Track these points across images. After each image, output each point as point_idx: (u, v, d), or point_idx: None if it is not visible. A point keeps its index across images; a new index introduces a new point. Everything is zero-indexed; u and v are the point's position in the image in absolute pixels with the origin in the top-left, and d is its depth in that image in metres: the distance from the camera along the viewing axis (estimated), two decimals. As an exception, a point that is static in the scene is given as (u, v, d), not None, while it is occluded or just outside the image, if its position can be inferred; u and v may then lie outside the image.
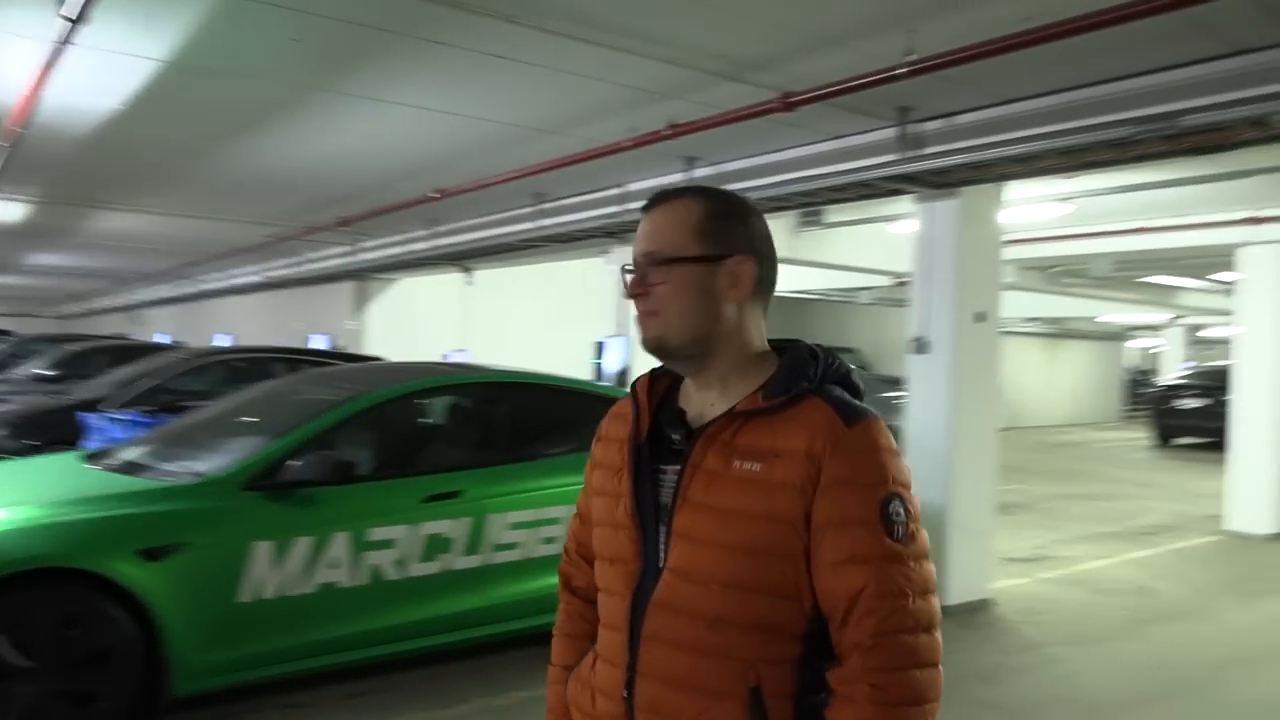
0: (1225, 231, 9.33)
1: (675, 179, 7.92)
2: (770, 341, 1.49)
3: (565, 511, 4.91)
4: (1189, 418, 18.25)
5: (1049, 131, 5.20)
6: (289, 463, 4.16)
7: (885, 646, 1.28)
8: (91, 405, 8.20)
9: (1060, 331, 24.07)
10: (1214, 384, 18.50)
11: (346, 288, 14.52)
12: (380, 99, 6.22)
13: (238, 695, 4.18)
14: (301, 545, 4.11)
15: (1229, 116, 4.39)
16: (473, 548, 4.61)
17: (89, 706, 3.60)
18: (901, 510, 1.32)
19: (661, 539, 1.40)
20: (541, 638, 4.94)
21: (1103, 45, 4.47)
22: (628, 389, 1.55)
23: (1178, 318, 21.98)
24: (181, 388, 9.07)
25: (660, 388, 1.53)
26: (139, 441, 5.15)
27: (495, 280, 13.18)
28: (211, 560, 3.92)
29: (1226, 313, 17.38)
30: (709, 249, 1.40)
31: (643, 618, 1.39)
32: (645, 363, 1.46)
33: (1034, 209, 8.43)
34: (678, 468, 1.40)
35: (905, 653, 1.28)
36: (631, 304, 1.46)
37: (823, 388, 1.39)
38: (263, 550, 4.01)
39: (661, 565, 1.39)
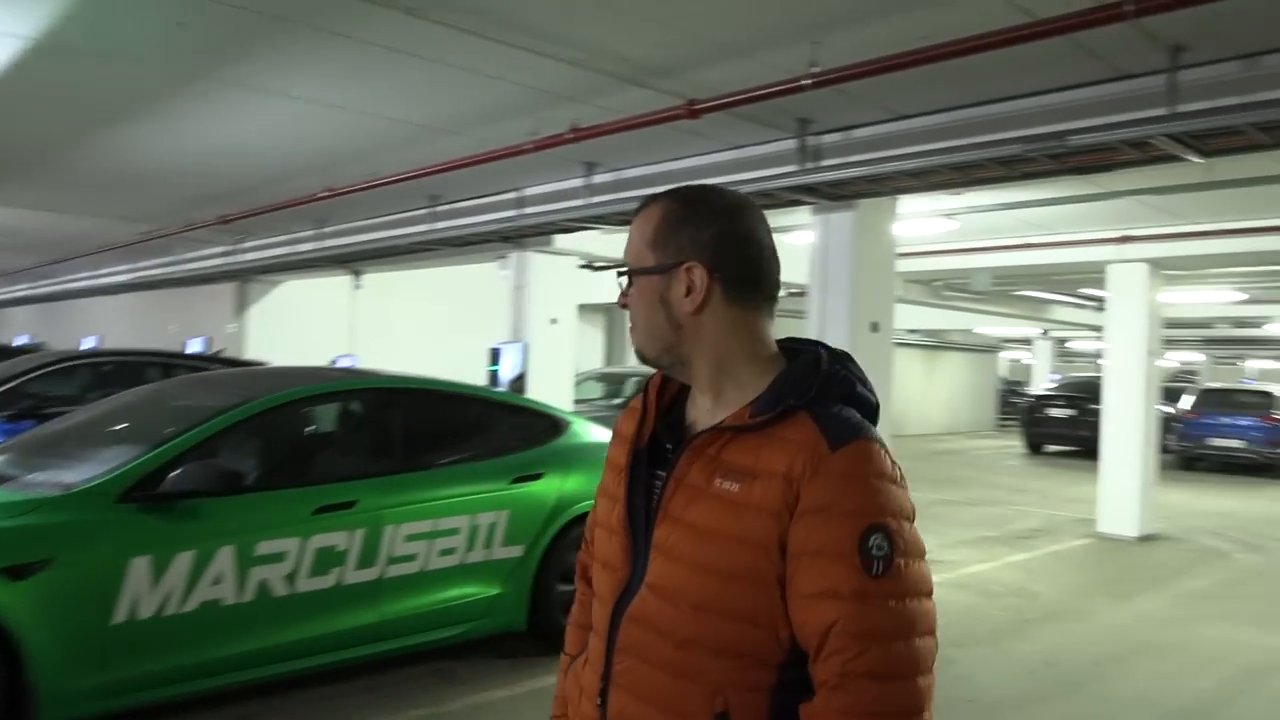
0: (1097, 249, 9.82)
1: (574, 184, 7.86)
2: (791, 343, 1.42)
3: (464, 522, 4.78)
4: (1058, 426, 19.20)
5: (943, 147, 5.34)
6: (170, 473, 3.90)
7: (850, 688, 1.20)
8: (-59, 411, 7.59)
9: (938, 343, 24.98)
10: (1080, 394, 19.57)
11: (226, 289, 13.91)
12: (271, 91, 5.95)
13: (109, 722, 3.90)
14: (182, 561, 3.86)
15: (1112, 138, 4.58)
16: (367, 560, 4.42)
17: (-61, 740, 3.29)
18: (885, 543, 1.21)
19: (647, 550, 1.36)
20: (443, 653, 4.80)
21: (995, 66, 4.62)
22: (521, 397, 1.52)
23: (1047, 331, 23.08)
24: (44, 392, 8.49)
25: (674, 387, 1.46)
26: (-2, 450, 4.77)
27: (385, 283, 12.85)
28: (82, 578, 3.64)
29: (1093, 327, 18.36)
30: (660, 259, 1.35)
31: (618, 629, 1.35)
32: (540, 369, 1.41)
33: (922, 224, 8.69)
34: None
35: (870, 698, 1.19)
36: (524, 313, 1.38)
37: (817, 403, 1.29)
38: (139, 567, 3.75)
39: (642, 578, 1.34)
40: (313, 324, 13.42)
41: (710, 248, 1.33)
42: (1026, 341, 26.77)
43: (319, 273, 12.34)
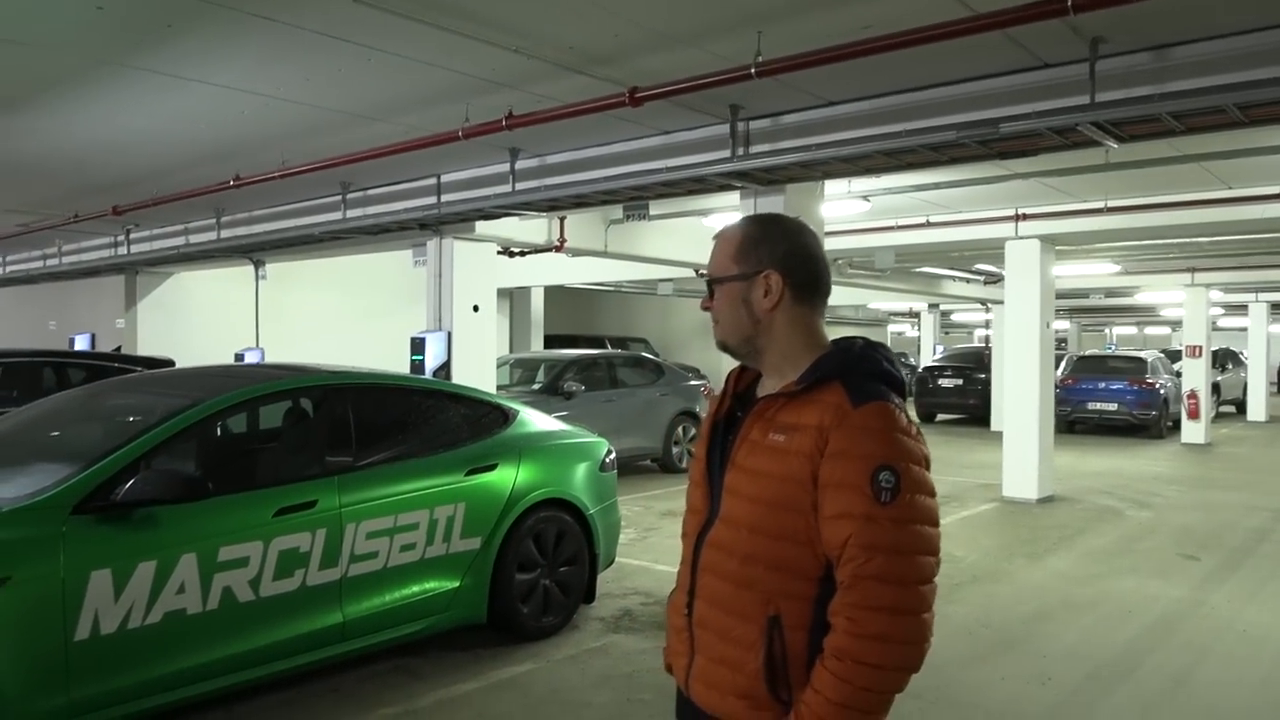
0: (995, 227, 10.28)
1: (496, 170, 7.79)
2: (838, 340, 1.79)
3: (423, 516, 4.73)
4: (948, 396, 20.04)
5: (877, 134, 5.51)
6: (124, 481, 3.74)
7: (859, 587, 1.55)
8: None
9: (832, 319, 25.67)
10: (968, 365, 20.49)
11: (112, 282, 13.23)
12: (182, 76, 5.68)
13: (68, 743, 3.72)
14: (144, 571, 3.71)
15: (1040, 125, 4.82)
16: (329, 560, 4.34)
17: (-99, 776, 3.10)
18: (893, 479, 1.56)
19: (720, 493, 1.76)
20: (402, 650, 4.75)
21: (930, 54, 4.77)
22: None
23: (935, 305, 24.00)
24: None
25: (749, 377, 1.88)
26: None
27: (290, 272, 12.44)
28: (41, 595, 3.46)
29: (980, 300, 19.20)
30: (743, 269, 1.75)
31: (700, 554, 1.77)
32: (464, 357, 1.55)
33: (838, 206, 8.93)
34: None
35: (876, 595, 1.54)
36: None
37: (848, 375, 1.67)
38: (100, 580, 3.59)
39: (716, 514, 1.75)
40: (213, 317, 12.91)
41: (783, 259, 1.74)
42: (914, 314, 27.77)
43: (218, 263, 11.86)
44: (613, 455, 5.95)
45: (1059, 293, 18.43)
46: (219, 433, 4.50)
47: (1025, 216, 10.08)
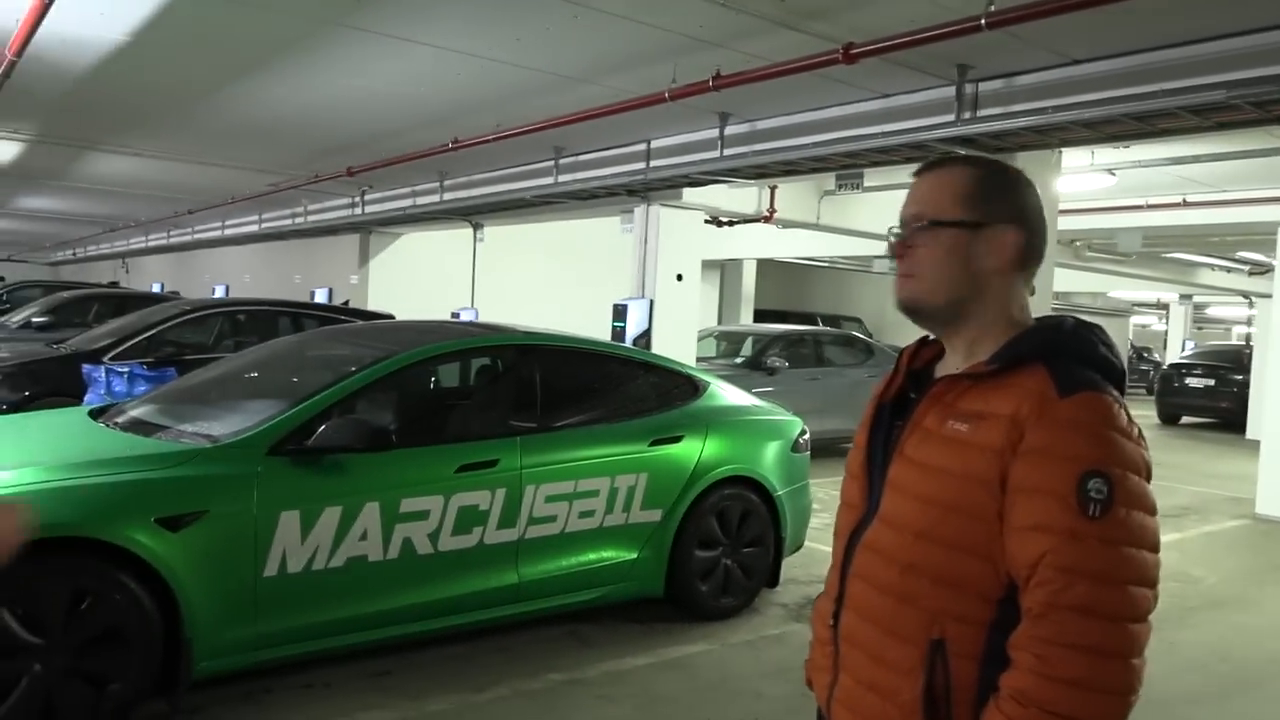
0: (1267, 209, 9.05)
1: (706, 136, 7.58)
2: (1044, 318, 1.48)
3: (603, 484, 4.64)
4: (1197, 397, 18.12)
5: (1125, 95, 4.88)
6: (318, 427, 3.85)
7: (1053, 620, 1.25)
8: (90, 356, 7.86)
9: (1068, 306, 23.85)
10: (1223, 364, 18.45)
11: (349, 241, 14.12)
12: (403, 38, 5.83)
13: (255, 674, 3.91)
14: (330, 516, 3.81)
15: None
16: (508, 520, 4.33)
17: (102, 688, 3.31)
18: (1105, 489, 1.26)
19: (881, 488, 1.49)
20: (576, 616, 4.70)
21: (1183, 4, 4.15)
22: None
23: (1188, 296, 21.77)
24: (182, 339, 8.74)
25: (928, 354, 1.57)
26: (147, 398, 4.83)
27: (507, 236, 12.82)
28: (235, 531, 3.62)
29: (1243, 293, 17.20)
30: (972, 215, 1.43)
31: (853, 557, 1.50)
32: (665, 326, 1.23)
33: (1076, 179, 8.12)
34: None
35: (1076, 632, 1.24)
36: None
37: (1054, 357, 1.37)
38: (289, 520, 3.72)
39: (875, 512, 1.48)
40: (434, 276, 13.53)
41: (1026, 216, 1.44)
42: (1161, 306, 25.34)
43: (441, 225, 12.39)
44: (806, 435, 5.65)
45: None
46: (411, 386, 4.58)
47: (1305, 197, 8.81)
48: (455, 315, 11.18)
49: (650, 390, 5.27)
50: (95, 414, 4.56)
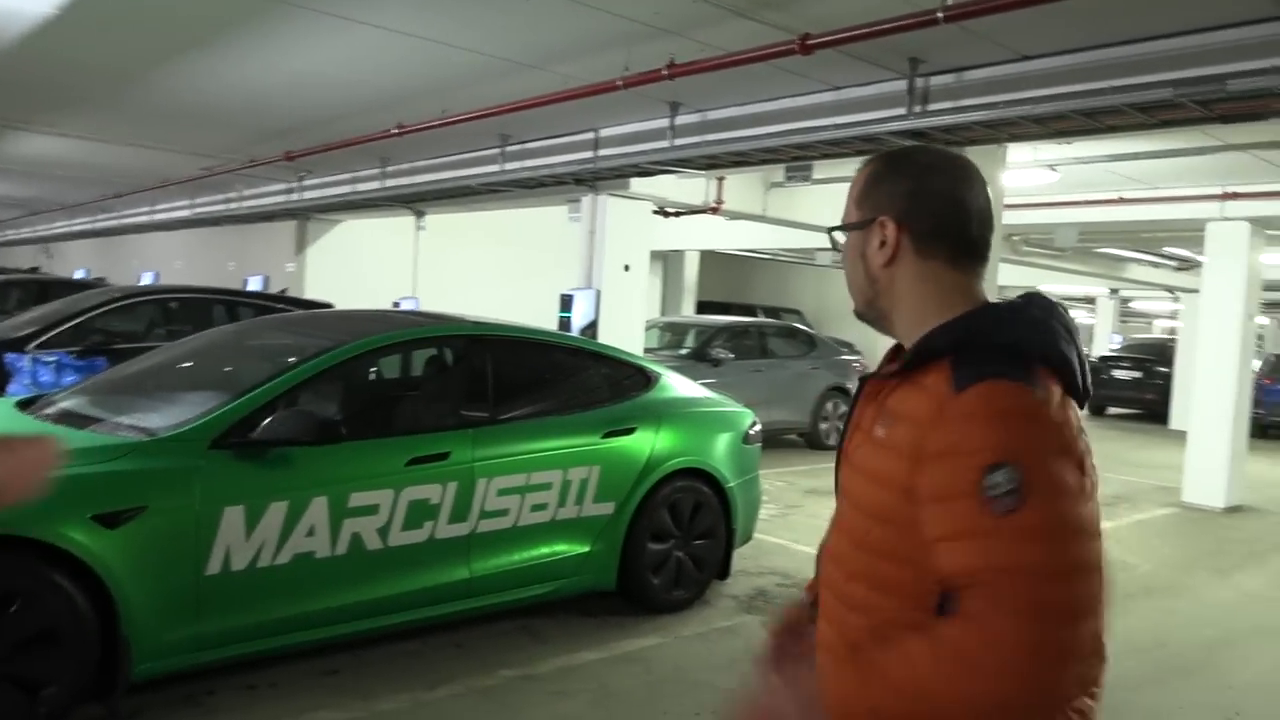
0: (1197, 206, 9.31)
1: (656, 125, 7.53)
2: (998, 303, 1.37)
3: (556, 476, 4.57)
4: (1123, 389, 18.65)
5: (1076, 91, 4.94)
6: (262, 419, 3.71)
7: (978, 625, 1.13)
8: (13, 345, 7.52)
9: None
10: (1148, 357, 19.04)
11: (285, 227, 13.78)
12: (347, 17, 5.66)
13: (197, 675, 3.76)
14: (275, 511, 3.69)
15: (1274, 83, 4.17)
16: (459, 515, 4.24)
17: (36, 692, 3.15)
18: (1007, 480, 1.14)
19: None
20: (528, 610, 4.63)
21: (1131, 3, 4.21)
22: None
23: (1116, 290, 22.37)
24: (111, 328, 8.41)
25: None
26: (78, 389, 4.63)
27: (449, 224, 12.62)
28: (175, 527, 3.47)
29: (1169, 288, 17.72)
30: (861, 215, 1.41)
31: (820, 564, 1.51)
32: (612, 317, 1.19)
33: (1020, 175, 8.25)
34: None
35: (1013, 632, 1.11)
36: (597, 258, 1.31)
37: (965, 349, 1.26)
38: (233, 516, 3.58)
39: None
40: (373, 265, 13.28)
41: (902, 202, 1.36)
42: (1089, 300, 26.02)
43: (382, 212, 12.15)
44: (757, 427, 5.65)
45: (1264, 284, 16.89)
46: (358, 377, 4.46)
47: (1233, 196, 9.07)
48: (396, 305, 10.97)
49: (602, 382, 5.21)
50: (22, 405, 4.35)
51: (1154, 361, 18.71)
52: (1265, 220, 9.24)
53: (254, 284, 13.53)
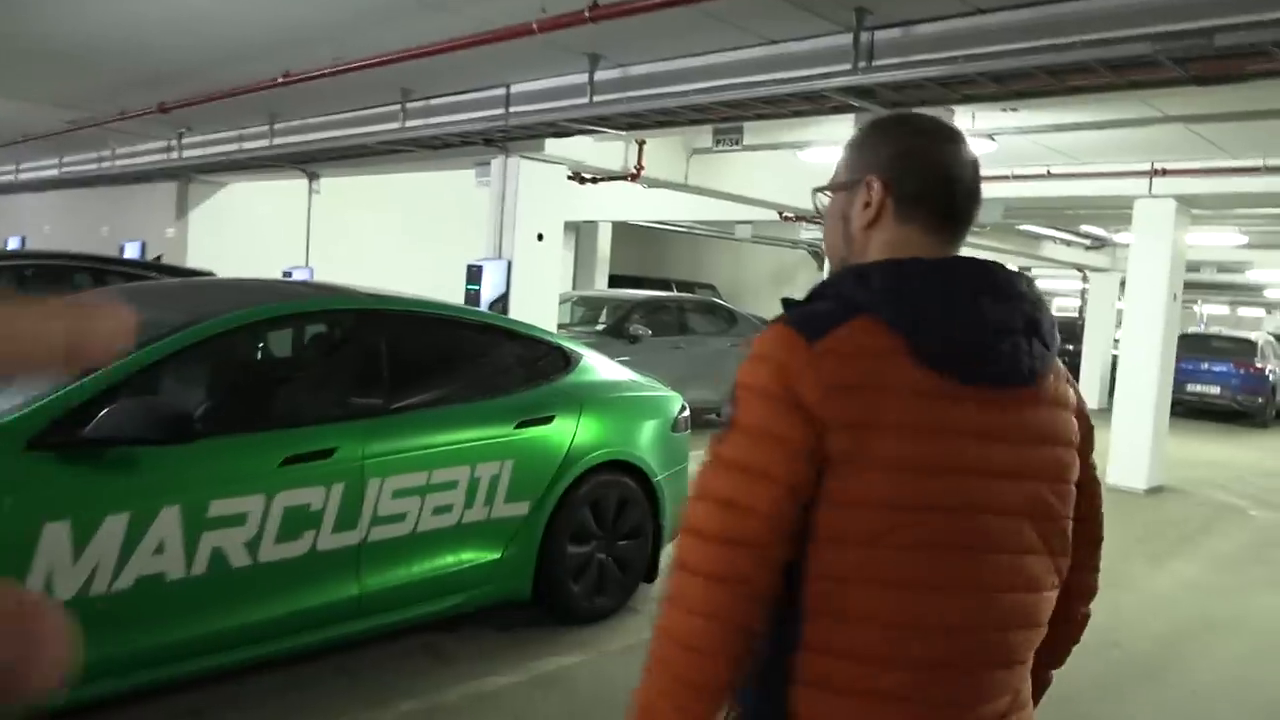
0: (1127, 182, 9.12)
1: (572, 81, 6.89)
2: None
3: (462, 474, 3.96)
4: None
5: (1041, 45, 4.50)
6: (99, 412, 3.00)
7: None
8: None
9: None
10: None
11: (165, 189, 12.65)
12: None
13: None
14: (114, 526, 2.99)
15: (1269, 38, 3.78)
16: (347, 522, 3.59)
17: None
18: (726, 414, 1.22)
19: None
20: (432, 626, 4.03)
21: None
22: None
23: (1026, 269, 22.57)
24: (-47, 297, 7.41)
25: None
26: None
27: (347, 189, 11.74)
28: (-23, 550, 2.76)
29: (1078, 266, 17.87)
30: (848, 175, 1.35)
31: None
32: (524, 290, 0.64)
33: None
34: None
35: (676, 554, 1.21)
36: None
37: (805, 299, 1.28)
38: (55, 534, 2.88)
39: None
40: (263, 231, 12.28)
41: (890, 162, 1.31)
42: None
43: (272, 174, 11.19)
44: (686, 413, 5.12)
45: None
46: (225, 359, 3.75)
47: (1163, 172, 8.90)
48: (287, 275, 10.11)
49: (516, 363, 4.61)
50: None
51: (1062, 339, 18.95)
52: (1191, 198, 9.10)
53: (131, 251, 12.40)
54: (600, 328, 10.40)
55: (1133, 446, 9.16)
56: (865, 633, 1.14)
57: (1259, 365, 16.30)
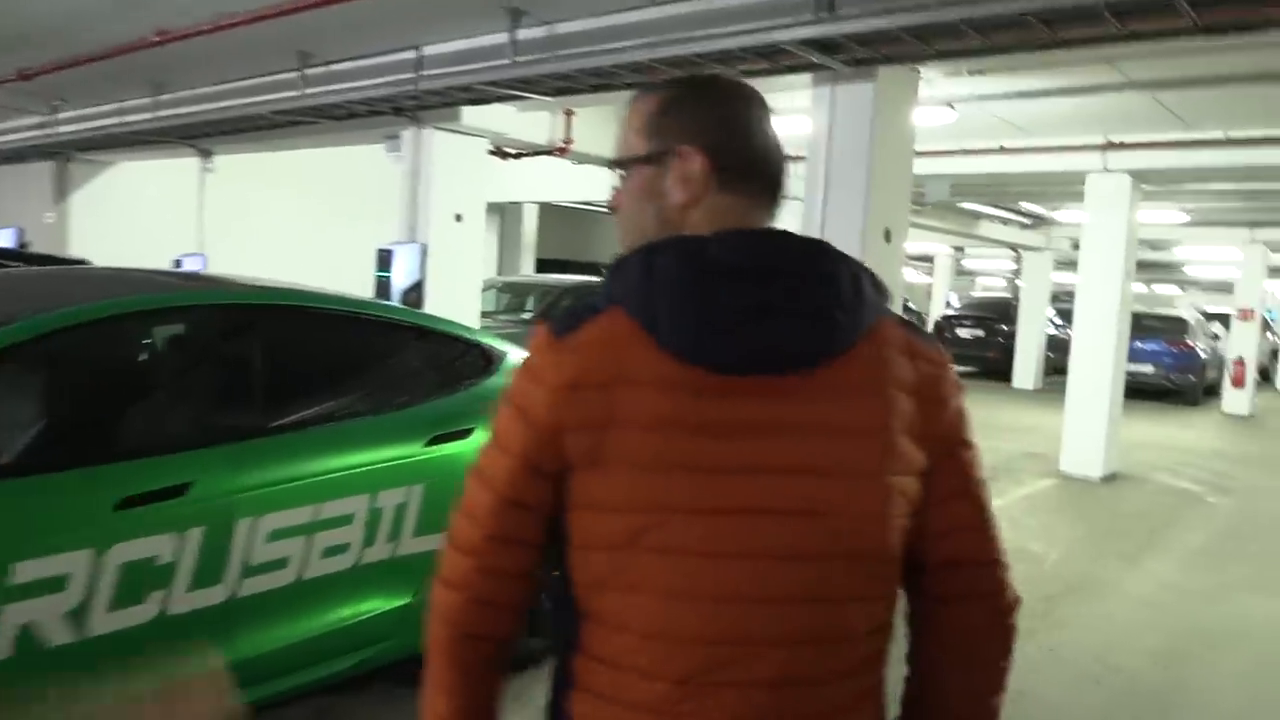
0: (1079, 157, 8.71)
1: (491, 42, 6.14)
2: None
3: (360, 505, 3.23)
4: (966, 347, 18.66)
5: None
6: None
7: None
8: None
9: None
10: (990, 315, 19.17)
11: (40, 170, 11.48)
12: None
13: None
14: None
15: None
16: (209, 576, 2.83)
17: None
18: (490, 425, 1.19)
19: None
20: (330, 688, 3.32)
21: None
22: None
23: (960, 249, 22.43)
24: None
25: None
26: None
27: (245, 167, 10.75)
28: None
29: (1009, 245, 17.66)
30: (654, 145, 1.18)
31: None
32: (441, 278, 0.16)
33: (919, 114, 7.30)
34: None
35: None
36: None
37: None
38: None
39: None
40: (154, 216, 11.22)
41: (711, 131, 1.17)
42: (926, 259, 26.16)
43: (161, 151, 10.16)
44: (630, 417, 4.44)
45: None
46: (45, 373, 2.94)
47: (1117, 146, 8.49)
48: (178, 264, 9.15)
49: (427, 366, 3.86)
50: None
51: (995, 320, 18.87)
52: (1145, 173, 8.72)
53: (4, 239, 11.21)
54: (527, 316, 9.67)
55: (1087, 433, 8.80)
56: (622, 640, 1.07)
57: (1190, 343, 16.30)
